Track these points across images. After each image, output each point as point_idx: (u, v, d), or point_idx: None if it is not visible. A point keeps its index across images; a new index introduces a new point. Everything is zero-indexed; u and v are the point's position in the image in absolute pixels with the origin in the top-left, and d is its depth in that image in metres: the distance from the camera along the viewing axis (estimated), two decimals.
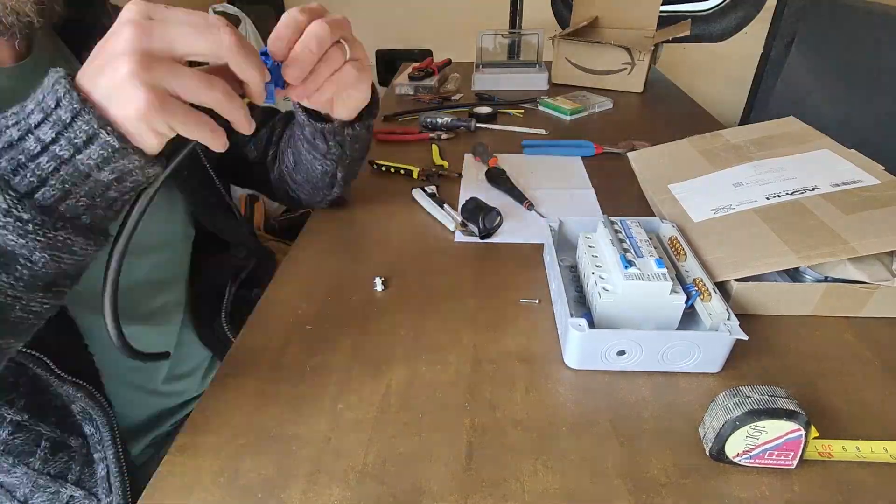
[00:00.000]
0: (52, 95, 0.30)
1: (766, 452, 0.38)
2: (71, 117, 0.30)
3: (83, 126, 0.30)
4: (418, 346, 0.51)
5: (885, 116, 1.16)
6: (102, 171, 0.32)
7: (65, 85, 0.30)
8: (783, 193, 0.60)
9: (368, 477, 0.40)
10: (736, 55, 1.74)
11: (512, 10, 1.82)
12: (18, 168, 0.30)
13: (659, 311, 0.48)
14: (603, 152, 0.92)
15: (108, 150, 0.31)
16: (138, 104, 0.30)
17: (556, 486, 0.38)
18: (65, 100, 0.30)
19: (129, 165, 0.33)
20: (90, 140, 0.31)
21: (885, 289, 0.51)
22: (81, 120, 0.30)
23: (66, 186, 0.31)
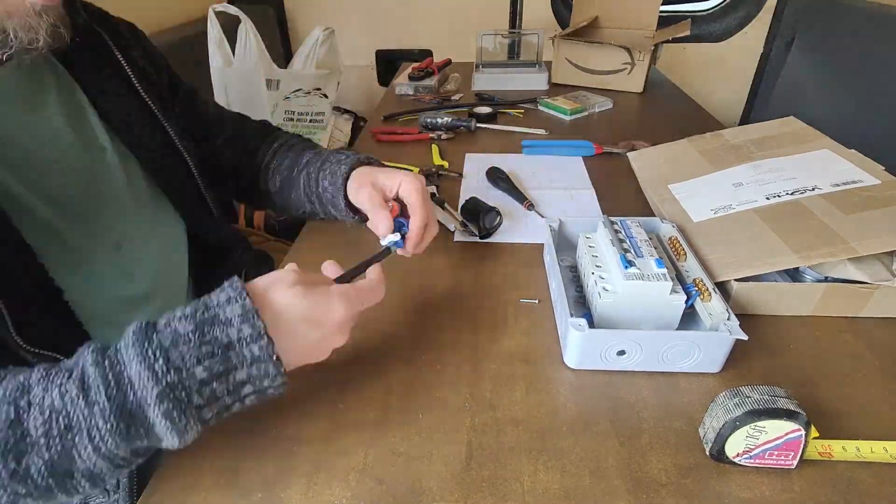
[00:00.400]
0: (264, 368, 0.35)
1: (767, 452, 0.38)
2: (270, 387, 0.37)
3: (274, 391, 0.37)
4: (418, 346, 0.51)
5: (884, 116, 1.16)
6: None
7: (278, 369, 0.36)
8: (783, 193, 0.60)
9: (368, 477, 0.40)
10: (736, 55, 1.74)
11: (512, 10, 1.82)
12: (211, 403, 0.34)
13: (659, 311, 0.48)
14: (603, 152, 0.92)
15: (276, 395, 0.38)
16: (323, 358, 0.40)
17: (555, 486, 0.38)
18: (274, 380, 0.36)
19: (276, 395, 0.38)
20: (272, 394, 0.37)
21: (885, 289, 0.51)
22: (275, 386, 0.37)
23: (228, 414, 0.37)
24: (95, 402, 0.32)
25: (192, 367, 0.33)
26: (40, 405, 0.32)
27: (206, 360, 0.33)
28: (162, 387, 0.32)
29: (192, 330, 0.34)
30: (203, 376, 0.33)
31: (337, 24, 1.77)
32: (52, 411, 0.31)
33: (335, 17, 1.89)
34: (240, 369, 0.34)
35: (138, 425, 0.32)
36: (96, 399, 0.32)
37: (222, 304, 0.36)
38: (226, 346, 0.34)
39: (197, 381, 0.33)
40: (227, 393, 0.35)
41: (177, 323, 0.34)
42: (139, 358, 0.32)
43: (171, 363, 0.33)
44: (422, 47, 1.90)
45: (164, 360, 0.33)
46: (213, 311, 0.35)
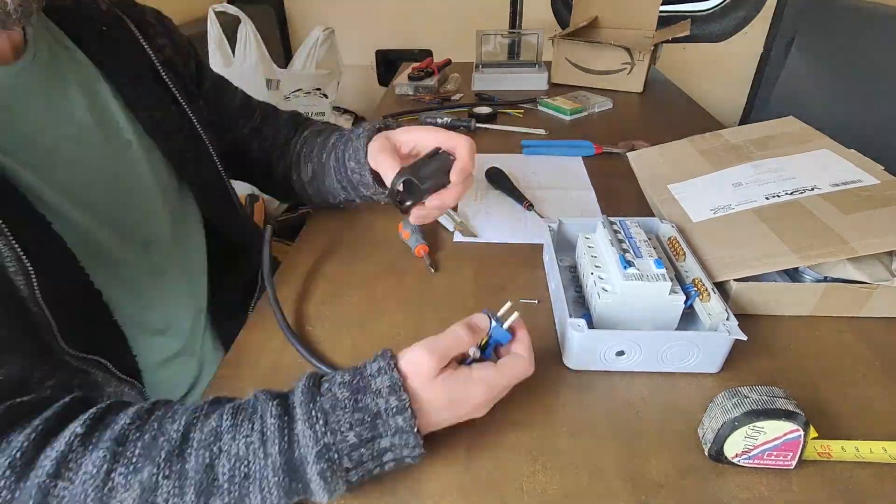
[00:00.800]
0: (405, 439, 0.36)
1: (765, 453, 0.38)
2: (409, 456, 0.38)
3: (411, 460, 0.38)
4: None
5: (884, 116, 1.16)
6: None
7: (417, 441, 0.37)
8: (783, 193, 0.60)
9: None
10: (736, 55, 1.74)
11: (512, 10, 1.82)
12: (357, 467, 0.36)
13: (658, 312, 0.48)
14: (603, 152, 0.92)
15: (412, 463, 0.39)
16: None
17: (554, 487, 0.38)
18: (413, 450, 0.37)
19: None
20: (408, 463, 0.38)
21: (885, 289, 0.51)
22: (412, 456, 0.38)
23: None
24: (270, 455, 0.34)
25: (346, 431, 0.35)
26: (228, 453, 0.34)
27: (358, 426, 0.35)
28: (320, 447, 0.34)
29: (348, 397, 0.36)
30: (353, 441, 0.35)
31: (337, 24, 1.77)
32: (237, 459, 0.34)
33: (335, 16, 1.89)
34: (384, 437, 0.36)
35: (298, 480, 0.34)
36: (271, 451, 0.34)
37: (374, 374, 0.38)
38: (374, 414, 0.36)
39: (348, 446, 0.35)
40: (371, 458, 0.36)
41: (336, 388, 0.37)
42: (304, 417, 0.35)
43: (329, 426, 0.35)
44: (422, 47, 1.90)
45: (324, 423, 0.35)
46: (365, 379, 0.37)
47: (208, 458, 0.34)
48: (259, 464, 0.34)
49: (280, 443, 0.34)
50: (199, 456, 0.34)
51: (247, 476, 0.34)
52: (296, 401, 0.36)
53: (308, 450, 0.34)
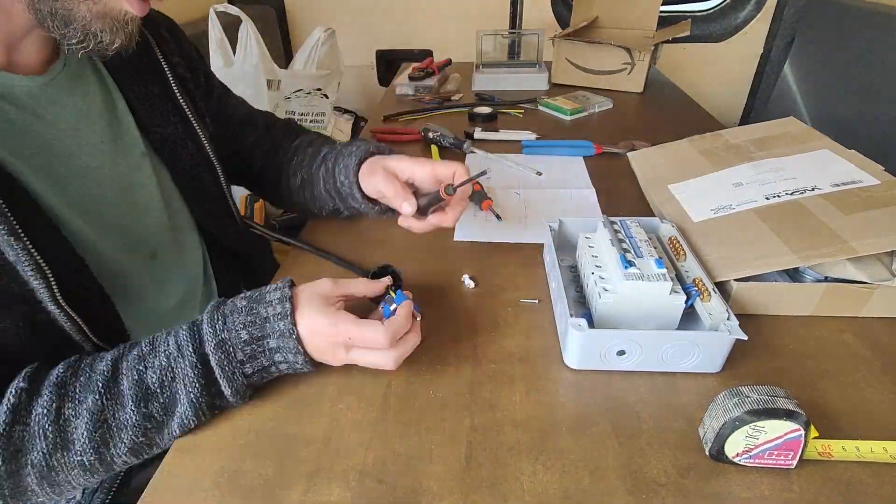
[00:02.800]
0: (287, 343, 0.43)
1: (766, 452, 0.38)
2: (296, 361, 0.44)
3: (301, 367, 0.45)
4: (418, 346, 0.51)
5: (884, 116, 1.16)
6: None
7: (297, 346, 0.43)
8: (783, 193, 0.60)
9: (368, 477, 0.40)
10: (736, 55, 1.74)
11: (512, 10, 1.82)
12: (251, 360, 0.43)
13: (659, 311, 0.48)
14: (603, 152, 0.92)
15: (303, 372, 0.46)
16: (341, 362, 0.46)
17: (555, 486, 0.38)
18: (297, 355, 0.44)
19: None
20: (299, 369, 0.45)
21: (885, 289, 0.51)
22: (300, 362, 0.44)
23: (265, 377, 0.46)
24: (186, 355, 0.42)
25: (239, 329, 0.43)
26: (152, 366, 0.42)
27: (250, 326, 0.43)
28: (217, 340, 0.42)
29: (245, 305, 0.44)
30: (245, 337, 0.43)
31: (337, 24, 1.78)
32: (161, 369, 0.41)
33: (335, 17, 1.89)
34: (271, 338, 0.43)
35: (208, 370, 0.42)
36: (186, 352, 0.42)
37: (270, 290, 0.45)
38: (263, 318, 0.43)
39: (241, 341, 0.43)
40: (262, 355, 0.43)
41: (237, 300, 0.45)
42: (207, 321, 0.43)
43: (226, 326, 0.43)
44: (422, 47, 1.90)
45: (222, 323, 0.43)
46: (263, 293, 0.45)
47: (137, 375, 0.41)
48: (180, 365, 0.41)
49: (193, 343, 0.42)
50: (129, 376, 0.41)
51: (173, 378, 0.41)
52: (203, 315, 0.44)
53: (209, 344, 0.42)
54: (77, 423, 0.39)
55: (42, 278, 0.41)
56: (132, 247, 0.55)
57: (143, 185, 0.56)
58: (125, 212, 0.54)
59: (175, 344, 0.42)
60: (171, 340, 0.43)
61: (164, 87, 0.58)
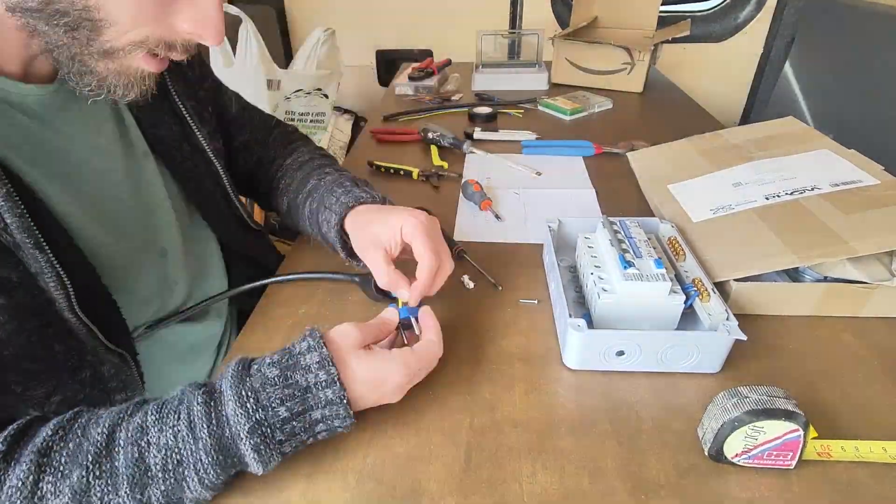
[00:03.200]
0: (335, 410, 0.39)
1: (765, 453, 0.38)
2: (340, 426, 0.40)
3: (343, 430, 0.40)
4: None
5: (885, 116, 1.16)
6: None
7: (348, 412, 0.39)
8: (783, 193, 0.60)
9: (368, 477, 0.40)
10: (736, 55, 1.74)
11: (512, 10, 1.82)
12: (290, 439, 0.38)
13: (658, 312, 0.48)
14: (603, 152, 0.92)
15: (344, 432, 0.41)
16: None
17: (554, 487, 0.38)
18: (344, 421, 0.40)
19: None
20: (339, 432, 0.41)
21: (885, 289, 0.51)
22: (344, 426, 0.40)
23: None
24: (200, 439, 0.36)
25: (277, 407, 0.37)
26: (157, 444, 0.35)
27: (288, 401, 0.38)
28: (252, 423, 0.36)
29: (278, 374, 0.38)
30: (285, 415, 0.37)
31: (337, 24, 1.77)
32: (167, 449, 0.35)
33: (335, 17, 1.89)
34: (315, 410, 0.38)
35: (232, 456, 0.36)
36: (200, 436, 0.36)
37: (303, 352, 0.40)
38: (304, 389, 0.38)
39: (280, 420, 0.37)
40: (303, 430, 0.39)
41: (266, 368, 0.39)
42: (234, 398, 0.37)
43: (260, 403, 0.37)
44: (422, 47, 1.90)
45: (255, 401, 0.37)
46: (295, 357, 0.39)
47: (137, 452, 0.35)
48: (189, 449, 0.35)
49: (209, 426, 0.36)
50: (127, 452, 0.35)
51: (179, 462, 0.35)
52: (224, 384, 0.38)
53: (240, 427, 0.36)
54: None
55: (62, 289, 0.41)
56: (143, 246, 0.55)
57: (151, 183, 0.57)
58: (137, 211, 0.54)
59: (187, 421, 0.36)
60: (183, 416, 0.37)
61: (161, 88, 0.57)
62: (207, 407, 0.37)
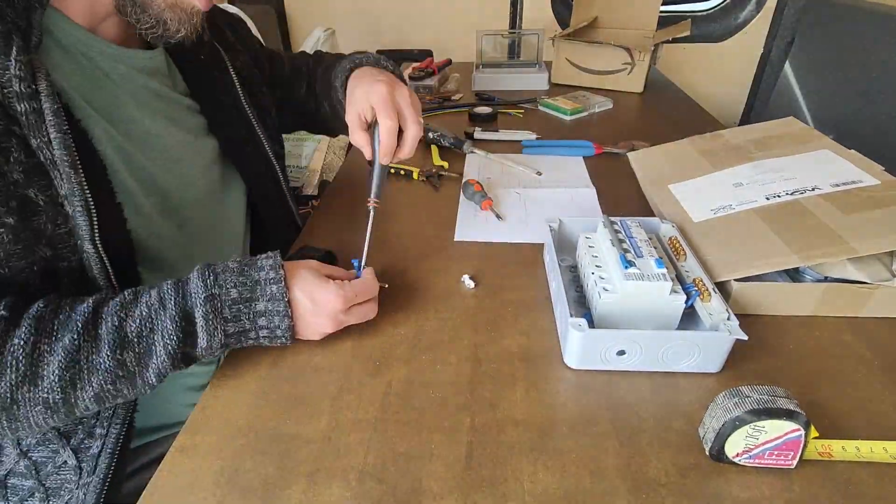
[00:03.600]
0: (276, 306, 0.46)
1: (766, 452, 0.38)
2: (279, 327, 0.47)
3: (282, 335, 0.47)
4: (418, 346, 0.51)
5: (884, 116, 1.16)
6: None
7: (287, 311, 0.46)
8: (783, 193, 0.60)
9: (368, 477, 0.40)
10: (736, 55, 1.74)
11: (512, 10, 1.82)
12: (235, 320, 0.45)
13: (659, 311, 0.48)
14: (603, 152, 0.92)
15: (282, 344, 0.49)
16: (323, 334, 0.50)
17: (555, 486, 0.38)
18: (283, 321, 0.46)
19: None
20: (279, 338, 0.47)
21: (885, 289, 0.51)
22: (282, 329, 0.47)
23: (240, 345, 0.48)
24: (168, 309, 0.43)
25: (230, 287, 0.45)
26: (132, 315, 0.42)
27: (240, 286, 0.45)
28: (207, 294, 0.44)
29: (236, 266, 0.46)
30: (234, 296, 0.45)
31: (337, 24, 1.77)
32: (141, 318, 0.42)
33: (335, 16, 1.89)
34: (260, 301, 0.45)
35: (189, 322, 0.43)
36: (168, 306, 0.43)
37: (261, 258, 0.48)
38: (255, 281, 0.46)
39: (230, 298, 0.44)
40: (247, 318, 0.45)
41: (228, 262, 0.47)
42: (198, 276, 0.44)
43: (217, 282, 0.44)
44: (422, 47, 1.90)
45: (213, 279, 0.44)
46: (254, 259, 0.47)
47: (117, 321, 0.42)
48: (160, 317, 0.42)
49: (175, 297, 0.43)
50: (109, 321, 0.42)
51: (152, 330, 0.42)
52: (193, 272, 0.45)
53: (198, 297, 0.43)
54: (50, 360, 0.40)
55: (87, 215, 0.45)
56: (166, 212, 0.58)
57: (191, 162, 0.61)
58: (169, 179, 0.58)
59: (157, 296, 0.43)
60: (154, 293, 0.44)
61: (233, 98, 0.66)
62: (176, 285, 0.44)
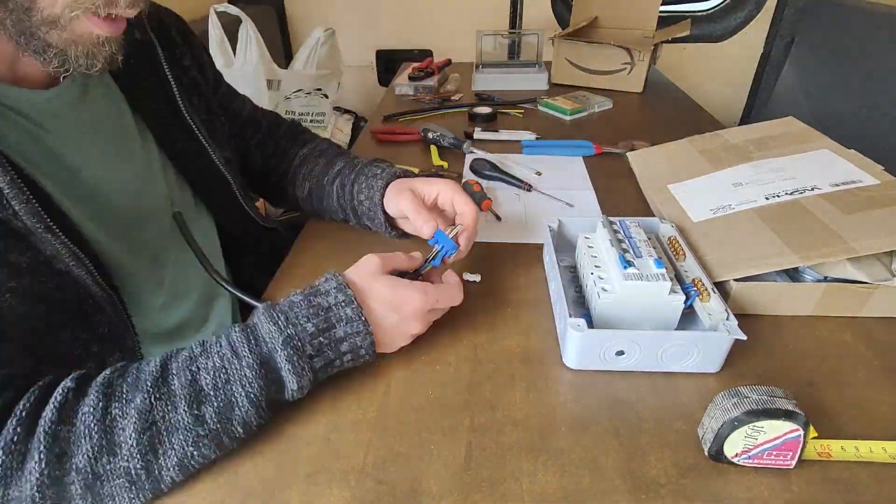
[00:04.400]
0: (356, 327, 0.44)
1: (765, 452, 0.38)
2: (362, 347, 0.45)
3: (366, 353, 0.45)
4: (418, 346, 0.51)
5: (884, 116, 1.16)
6: None
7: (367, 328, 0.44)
8: (783, 193, 0.60)
9: (368, 477, 0.40)
10: (736, 55, 1.74)
11: (512, 10, 1.82)
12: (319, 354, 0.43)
13: (658, 312, 0.48)
14: (603, 152, 0.92)
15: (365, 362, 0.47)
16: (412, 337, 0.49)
17: (555, 486, 0.39)
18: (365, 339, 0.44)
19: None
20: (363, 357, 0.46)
21: (885, 289, 0.51)
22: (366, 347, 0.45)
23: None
24: (243, 356, 0.40)
25: (304, 323, 0.42)
26: (205, 367, 0.40)
27: (314, 318, 0.43)
28: (284, 336, 0.41)
29: (302, 299, 0.44)
30: (312, 330, 0.42)
31: (337, 24, 1.78)
32: (215, 370, 0.40)
33: (335, 17, 1.90)
34: (338, 327, 0.43)
35: (272, 370, 0.41)
36: (243, 353, 0.40)
37: (321, 282, 0.45)
38: (326, 308, 0.43)
39: (308, 334, 0.42)
40: (329, 347, 0.43)
41: (291, 296, 0.44)
42: (266, 320, 0.42)
43: (290, 321, 0.42)
44: (422, 47, 1.90)
45: (285, 319, 0.42)
46: (315, 286, 0.45)
47: (189, 375, 0.39)
48: (235, 367, 0.40)
49: (248, 345, 0.41)
50: (180, 377, 0.39)
51: (228, 381, 0.39)
52: (256, 314, 0.43)
53: (275, 341, 0.41)
54: (124, 424, 0.37)
55: (82, 265, 0.44)
56: (136, 250, 0.55)
57: (150, 194, 0.58)
58: (131, 218, 0.55)
59: (228, 345, 0.41)
60: (224, 342, 0.41)
61: (171, 106, 0.59)
62: (245, 332, 0.42)
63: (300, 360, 0.41)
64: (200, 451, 0.38)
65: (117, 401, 0.38)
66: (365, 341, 0.44)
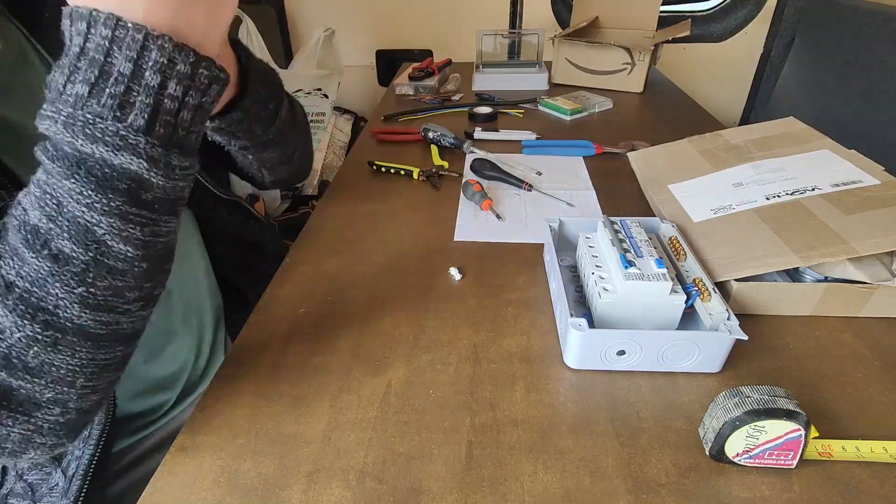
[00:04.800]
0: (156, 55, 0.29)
1: (766, 452, 0.38)
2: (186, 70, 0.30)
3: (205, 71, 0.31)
4: (418, 346, 0.51)
5: (884, 116, 1.16)
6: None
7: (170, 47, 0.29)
8: (783, 193, 0.60)
9: (368, 477, 0.40)
10: (736, 55, 1.74)
11: (512, 10, 1.82)
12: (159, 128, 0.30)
13: (659, 311, 0.48)
14: (603, 152, 0.92)
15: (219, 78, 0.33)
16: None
17: (555, 486, 0.38)
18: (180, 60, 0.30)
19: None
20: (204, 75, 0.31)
21: (885, 289, 0.51)
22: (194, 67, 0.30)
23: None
24: (52, 172, 0.30)
25: (71, 90, 0.29)
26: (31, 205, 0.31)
27: (76, 75, 0.29)
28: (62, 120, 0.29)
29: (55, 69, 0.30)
30: (85, 91, 0.29)
31: (337, 24, 1.77)
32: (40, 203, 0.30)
33: (335, 17, 1.89)
34: (113, 58, 0.29)
35: (88, 172, 0.29)
36: (51, 169, 0.30)
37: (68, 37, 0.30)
38: (78, 53, 0.29)
39: (85, 98, 0.29)
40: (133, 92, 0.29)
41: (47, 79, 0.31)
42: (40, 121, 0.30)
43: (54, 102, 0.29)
44: (422, 47, 1.90)
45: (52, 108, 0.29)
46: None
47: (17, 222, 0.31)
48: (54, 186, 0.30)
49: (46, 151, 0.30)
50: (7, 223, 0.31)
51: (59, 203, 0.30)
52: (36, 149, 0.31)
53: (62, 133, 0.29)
54: None
55: None
56: None
57: None
58: None
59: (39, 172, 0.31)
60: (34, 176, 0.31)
61: None
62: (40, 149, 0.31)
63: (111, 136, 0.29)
64: (95, 286, 0.31)
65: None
66: (162, 50, 0.29)
